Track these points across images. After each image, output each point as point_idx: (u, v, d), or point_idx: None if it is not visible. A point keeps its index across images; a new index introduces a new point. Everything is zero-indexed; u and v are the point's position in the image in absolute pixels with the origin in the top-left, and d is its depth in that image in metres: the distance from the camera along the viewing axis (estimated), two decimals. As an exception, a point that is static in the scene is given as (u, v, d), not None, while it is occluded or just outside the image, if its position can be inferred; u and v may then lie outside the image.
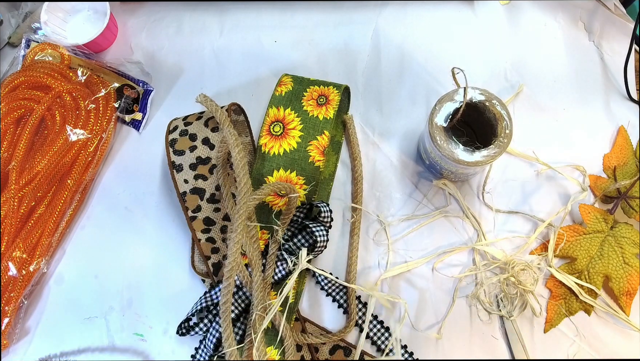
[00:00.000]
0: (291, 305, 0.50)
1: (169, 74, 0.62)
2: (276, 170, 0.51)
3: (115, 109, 0.59)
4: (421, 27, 0.63)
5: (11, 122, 0.55)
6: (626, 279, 0.49)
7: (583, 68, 0.60)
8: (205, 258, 0.51)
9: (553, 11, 0.62)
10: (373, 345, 0.51)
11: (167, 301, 0.53)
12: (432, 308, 0.51)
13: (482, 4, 0.63)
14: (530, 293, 0.50)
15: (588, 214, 0.51)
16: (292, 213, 0.50)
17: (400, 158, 0.57)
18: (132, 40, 0.64)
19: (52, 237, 0.54)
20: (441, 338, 0.50)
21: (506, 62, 0.60)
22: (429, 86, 0.60)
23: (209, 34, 0.64)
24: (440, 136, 0.47)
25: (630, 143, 0.56)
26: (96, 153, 0.57)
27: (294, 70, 0.59)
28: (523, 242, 0.53)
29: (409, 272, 0.53)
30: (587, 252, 0.51)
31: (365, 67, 0.61)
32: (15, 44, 0.65)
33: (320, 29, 0.64)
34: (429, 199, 0.55)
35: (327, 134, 0.51)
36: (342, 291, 0.52)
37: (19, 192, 0.53)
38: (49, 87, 0.56)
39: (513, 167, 0.56)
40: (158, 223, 0.56)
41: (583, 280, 0.50)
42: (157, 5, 0.66)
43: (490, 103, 0.47)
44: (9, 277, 0.51)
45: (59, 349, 0.52)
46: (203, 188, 0.51)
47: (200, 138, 0.52)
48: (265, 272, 0.50)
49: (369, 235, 0.54)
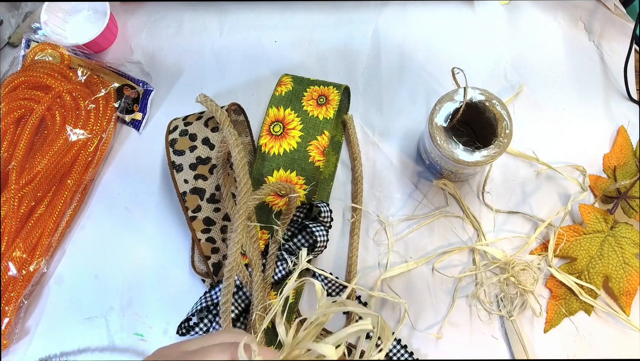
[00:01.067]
0: (291, 305, 0.50)
1: (169, 74, 0.63)
2: (276, 170, 0.51)
3: (115, 109, 0.59)
4: (421, 27, 0.63)
5: (11, 122, 0.55)
6: (626, 279, 0.49)
7: (583, 68, 0.60)
8: (205, 258, 0.51)
9: (553, 11, 0.62)
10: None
11: (167, 301, 0.53)
12: (432, 308, 0.51)
13: (482, 4, 0.63)
14: (530, 293, 0.50)
15: (588, 214, 0.51)
16: (292, 213, 0.50)
17: (400, 158, 0.57)
18: (132, 40, 0.64)
19: (52, 237, 0.54)
20: (441, 338, 0.50)
21: (506, 62, 0.60)
22: (429, 86, 0.60)
23: (209, 34, 0.64)
24: (440, 136, 0.47)
25: (630, 143, 0.56)
26: (96, 153, 0.57)
27: (294, 70, 0.59)
28: (523, 242, 0.53)
29: (409, 272, 0.53)
30: (587, 252, 0.51)
31: (365, 67, 0.61)
32: (15, 44, 0.65)
33: (320, 29, 0.64)
34: (429, 199, 0.55)
35: (327, 134, 0.51)
36: (342, 291, 0.52)
37: (19, 192, 0.53)
38: (49, 87, 0.56)
39: (513, 167, 0.56)
40: (158, 223, 0.56)
41: (583, 280, 0.50)
42: (157, 5, 0.66)
43: (490, 103, 0.47)
44: (9, 277, 0.51)
45: (59, 349, 0.52)
46: (203, 188, 0.51)
47: (200, 138, 0.52)
48: (265, 272, 0.50)
49: (369, 235, 0.54)
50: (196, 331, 0.49)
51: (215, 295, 0.50)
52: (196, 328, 0.49)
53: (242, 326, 0.49)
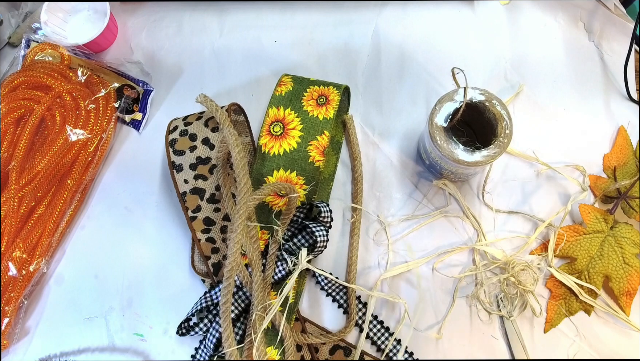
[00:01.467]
0: (291, 305, 0.50)
1: (169, 74, 0.62)
2: (276, 170, 0.51)
3: (115, 109, 0.59)
4: (421, 27, 0.63)
5: (11, 122, 0.55)
6: (626, 279, 0.49)
7: (583, 68, 0.60)
8: (205, 258, 0.51)
9: (553, 11, 0.62)
10: (373, 345, 0.51)
11: (167, 301, 0.53)
12: (432, 308, 0.51)
13: (482, 4, 0.63)
14: (530, 293, 0.50)
15: (588, 214, 0.51)
16: (292, 213, 0.50)
17: (400, 158, 0.57)
18: (132, 40, 0.64)
19: (52, 237, 0.54)
20: (441, 338, 0.50)
21: (506, 62, 0.60)
22: (429, 86, 0.60)
23: (209, 34, 0.64)
24: (440, 136, 0.47)
25: (630, 143, 0.56)
26: (96, 153, 0.57)
27: (294, 70, 0.59)
28: (523, 242, 0.53)
29: (409, 272, 0.53)
30: (587, 252, 0.51)
31: (365, 67, 0.61)
32: (15, 44, 0.65)
33: (320, 29, 0.64)
34: (429, 199, 0.55)
35: (327, 134, 0.51)
36: (342, 292, 0.52)
37: (19, 192, 0.53)
38: (49, 87, 0.56)
39: (513, 167, 0.56)
40: (158, 223, 0.56)
41: (583, 280, 0.50)
42: (157, 5, 0.66)
43: (490, 103, 0.47)
44: (9, 277, 0.51)
45: (59, 349, 0.52)
46: (203, 189, 0.51)
47: (200, 139, 0.52)
48: (265, 272, 0.50)
49: (369, 235, 0.54)
50: (196, 331, 0.49)
51: (215, 295, 0.50)
52: (196, 328, 0.49)
53: (242, 326, 0.49)
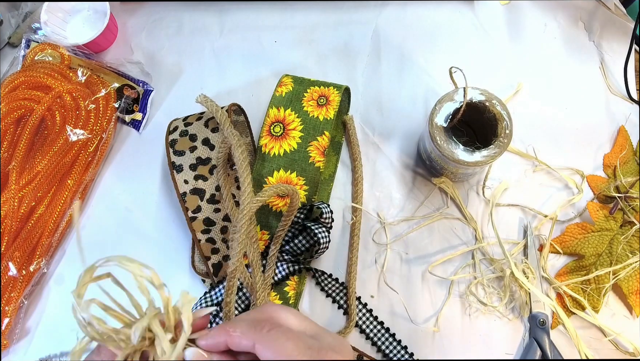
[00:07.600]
0: (291, 305, 0.50)
1: (169, 74, 0.62)
2: (276, 170, 0.51)
3: (115, 109, 0.59)
4: (421, 27, 0.63)
5: (11, 122, 0.55)
6: (635, 278, 0.49)
7: (583, 68, 0.60)
8: (205, 259, 0.51)
9: (553, 11, 0.62)
10: (373, 346, 0.51)
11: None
12: (432, 308, 0.51)
13: (482, 4, 0.63)
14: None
15: (596, 212, 0.51)
16: (293, 215, 0.50)
17: (400, 158, 0.57)
18: (132, 40, 0.64)
19: (52, 237, 0.54)
20: (438, 331, 0.50)
21: (506, 62, 0.60)
22: (429, 86, 0.60)
23: (209, 34, 0.64)
24: (440, 136, 0.47)
25: (630, 143, 0.56)
26: (96, 154, 0.57)
27: (294, 71, 0.59)
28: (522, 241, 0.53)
29: (408, 272, 0.53)
30: (594, 249, 0.51)
31: (365, 67, 0.61)
32: (15, 44, 0.65)
33: (320, 29, 0.64)
34: (429, 199, 0.55)
35: (327, 135, 0.51)
36: (342, 292, 0.52)
37: (19, 192, 0.53)
38: (49, 87, 0.56)
39: (513, 166, 0.56)
40: (158, 224, 0.56)
41: (591, 278, 0.50)
42: (157, 5, 0.66)
43: (490, 103, 0.47)
44: (9, 277, 0.51)
45: (59, 349, 0.52)
46: (203, 189, 0.51)
47: (200, 139, 0.52)
48: (265, 273, 0.50)
49: (369, 235, 0.54)
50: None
51: (215, 296, 0.50)
52: (196, 329, 0.49)
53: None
